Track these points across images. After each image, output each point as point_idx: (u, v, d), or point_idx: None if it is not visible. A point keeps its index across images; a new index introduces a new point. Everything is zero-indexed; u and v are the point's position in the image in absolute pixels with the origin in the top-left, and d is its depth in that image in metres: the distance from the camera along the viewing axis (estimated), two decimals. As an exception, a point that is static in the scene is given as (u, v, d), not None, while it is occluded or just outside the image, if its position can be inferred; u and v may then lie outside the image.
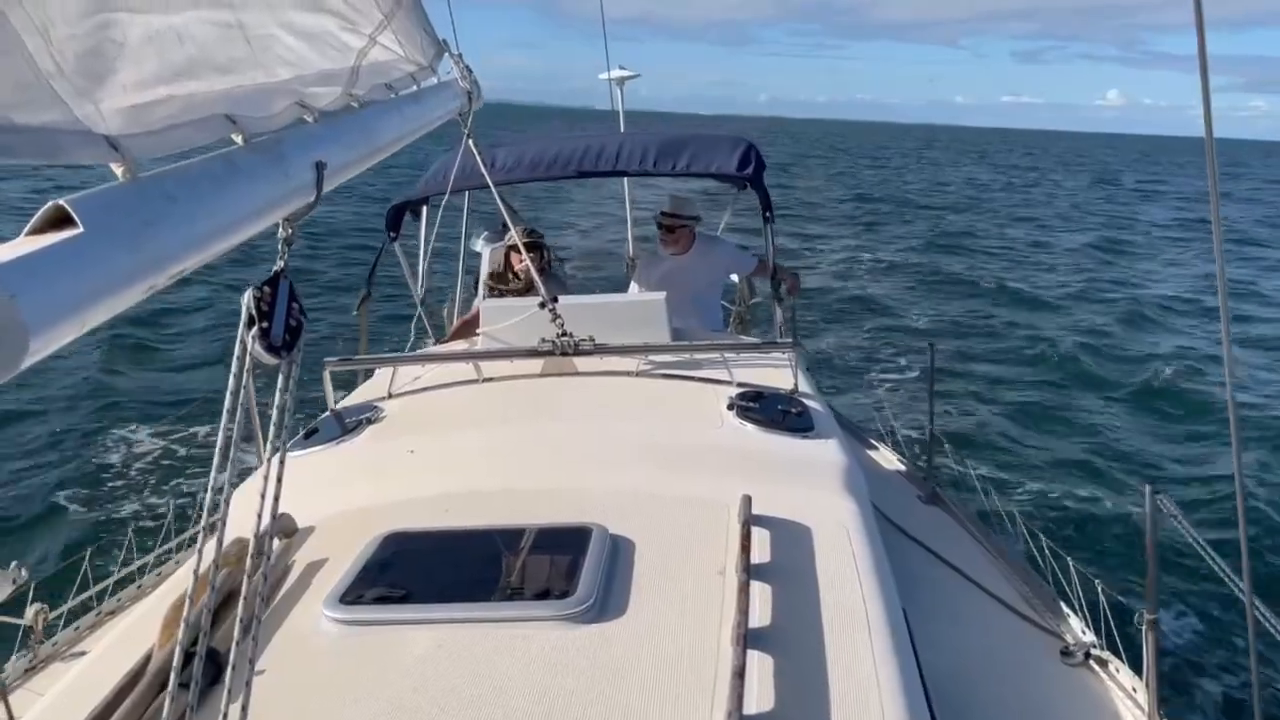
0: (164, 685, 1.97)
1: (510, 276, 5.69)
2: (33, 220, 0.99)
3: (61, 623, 3.46)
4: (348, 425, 3.60)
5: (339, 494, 3.03)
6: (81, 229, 0.98)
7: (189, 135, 1.37)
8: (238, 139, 1.52)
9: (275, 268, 1.58)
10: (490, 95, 3.87)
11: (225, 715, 1.47)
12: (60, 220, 0.99)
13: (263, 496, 1.47)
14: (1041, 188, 52.74)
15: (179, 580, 2.74)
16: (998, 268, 23.00)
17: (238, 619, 1.51)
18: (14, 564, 2.88)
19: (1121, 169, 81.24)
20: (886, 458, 5.36)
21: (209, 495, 1.38)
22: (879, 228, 29.72)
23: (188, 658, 1.58)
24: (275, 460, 1.51)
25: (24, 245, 0.94)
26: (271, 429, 1.50)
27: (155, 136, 1.27)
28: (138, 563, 3.98)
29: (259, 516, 1.47)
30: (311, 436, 3.55)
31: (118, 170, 1.15)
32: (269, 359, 1.50)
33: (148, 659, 2.13)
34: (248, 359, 1.46)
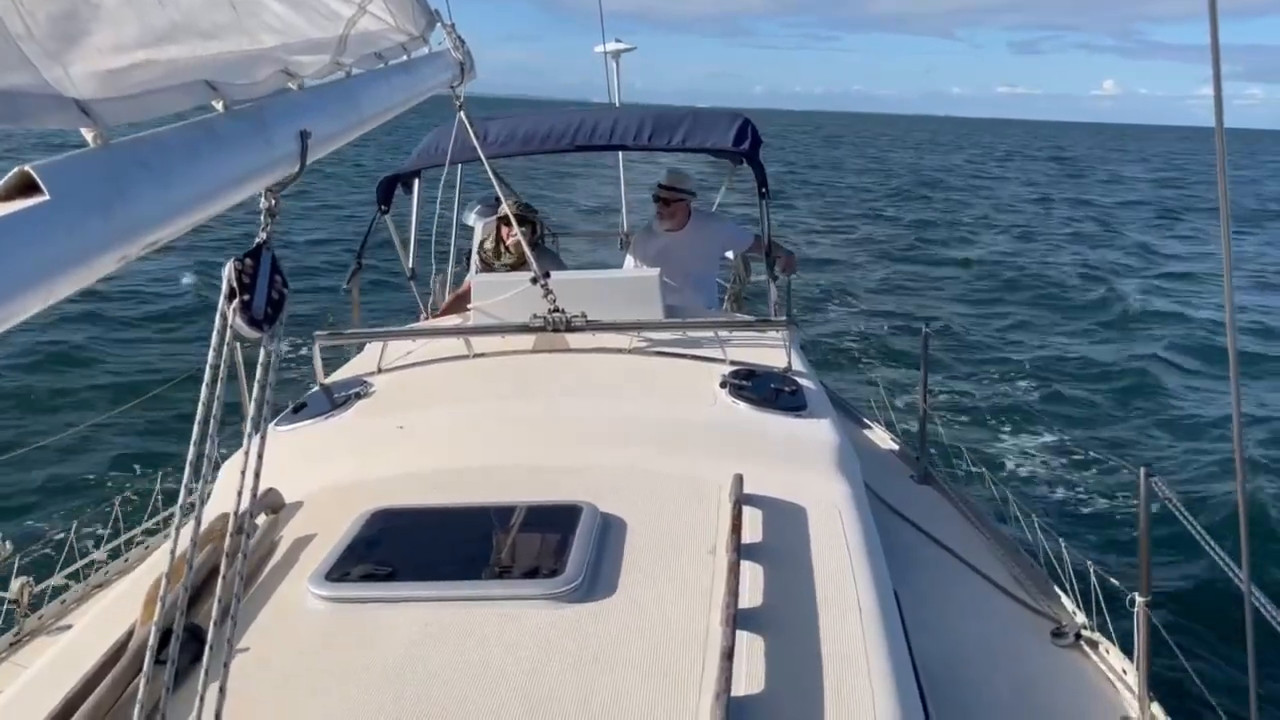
0: (144, 663, 1.95)
1: (502, 250, 5.64)
2: None
3: (47, 596, 3.44)
4: (336, 400, 3.57)
5: (327, 469, 3.00)
6: (48, 196, 0.94)
7: (167, 101, 1.33)
8: (218, 105, 1.47)
9: (257, 239, 1.54)
10: (485, 88, 3.82)
11: (203, 694, 1.45)
12: (26, 187, 0.95)
13: (243, 473, 1.44)
14: (1029, 173, 52.64)
15: (163, 555, 2.71)
16: (994, 250, 22.99)
17: (216, 597, 1.49)
18: (-1, 537, 2.85)
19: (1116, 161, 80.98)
20: (880, 437, 5.35)
21: (187, 470, 1.34)
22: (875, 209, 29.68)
23: (168, 635, 1.55)
24: (257, 437, 1.48)
25: None
26: (252, 405, 1.46)
27: (131, 101, 1.23)
28: (124, 536, 3.96)
29: (239, 494, 1.44)
30: (300, 411, 3.52)
31: (88, 135, 1.10)
32: (250, 332, 1.46)
33: (130, 635, 2.11)
34: (229, 332, 1.43)
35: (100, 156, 1.08)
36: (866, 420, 5.67)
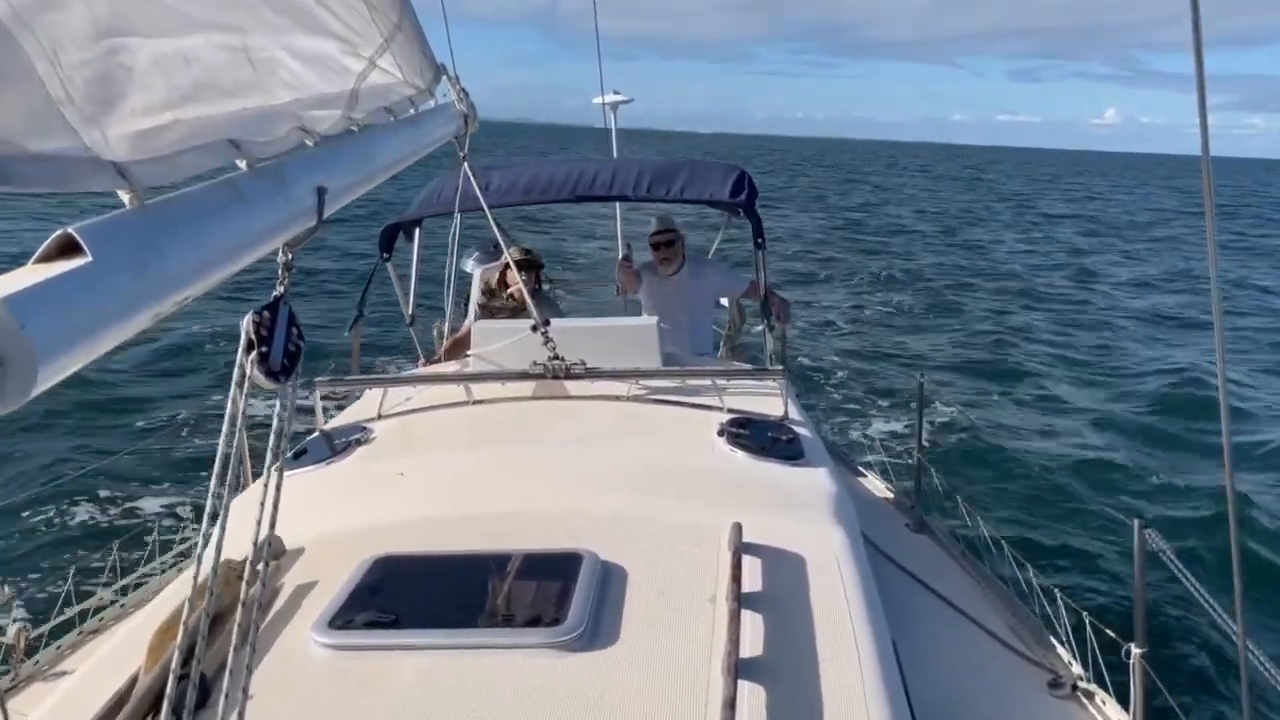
0: (150, 710, 1.96)
1: (504, 297, 5.69)
2: (41, 248, 0.99)
3: (44, 641, 3.43)
4: (337, 446, 3.59)
5: (328, 515, 3.01)
6: (90, 257, 0.98)
7: (195, 161, 1.38)
8: (241, 164, 1.52)
9: (275, 293, 1.58)
10: (487, 112, 3.87)
11: None
12: (68, 248, 0.99)
13: (258, 523, 1.47)
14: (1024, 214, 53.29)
15: (166, 601, 2.71)
16: (987, 295, 23.14)
17: (231, 644, 1.50)
18: (-4, 583, 2.86)
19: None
20: (874, 485, 5.37)
21: (205, 520, 1.37)
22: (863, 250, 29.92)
23: (176, 681, 1.56)
24: (272, 485, 1.51)
25: (32, 274, 0.94)
26: (269, 454, 1.50)
27: (162, 162, 1.27)
28: (121, 582, 3.95)
29: (254, 543, 1.46)
30: (300, 457, 3.54)
31: (125, 197, 1.15)
32: (267, 384, 1.49)
33: (133, 682, 2.12)
34: (246, 384, 1.46)
35: (137, 218, 1.13)
36: (861, 468, 5.70)
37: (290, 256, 1.65)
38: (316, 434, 3.80)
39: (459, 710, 1.99)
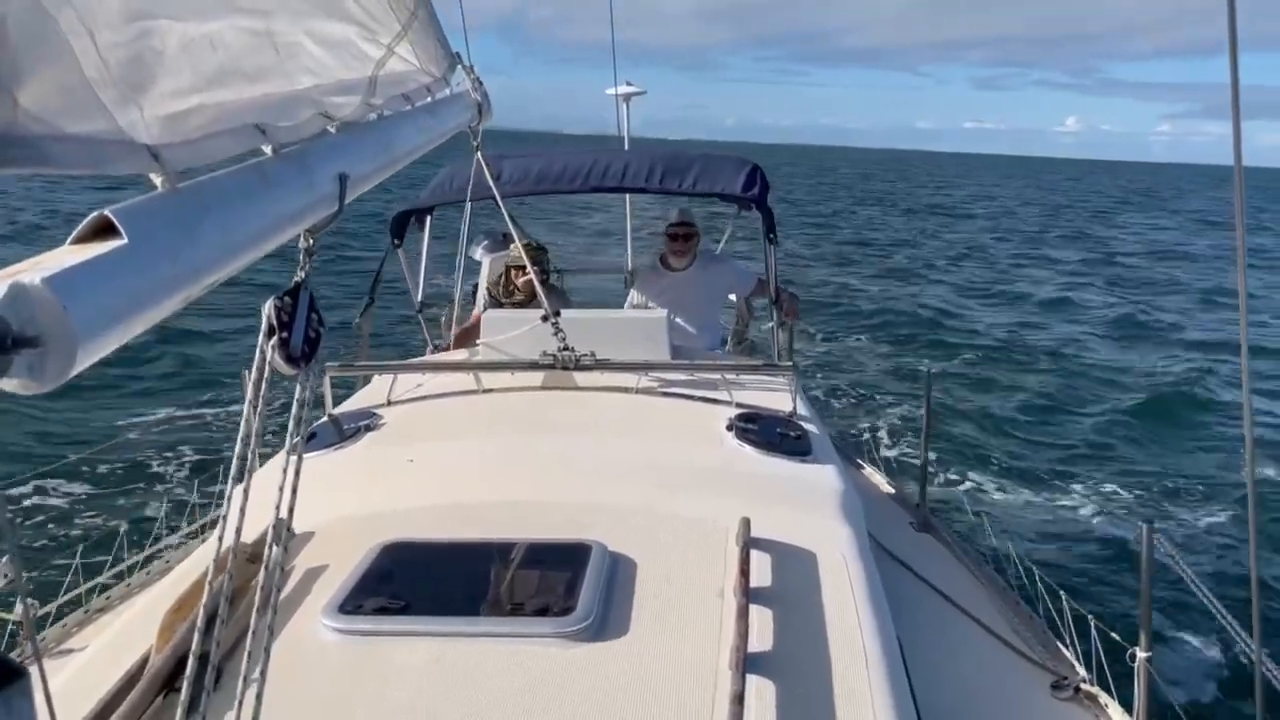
0: (161, 690, 1.97)
1: (513, 288, 5.69)
2: (77, 229, 1.00)
3: (50, 619, 3.45)
4: (346, 431, 3.60)
5: (337, 500, 3.02)
6: (126, 239, 0.99)
7: (222, 145, 1.38)
8: (267, 149, 1.52)
9: (296, 278, 1.58)
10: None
11: None
12: (103, 229, 1.00)
13: (277, 507, 1.47)
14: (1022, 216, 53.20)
15: (175, 582, 2.72)
16: (992, 296, 23.10)
17: (249, 626, 1.51)
18: (4, 559, 2.87)
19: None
20: (879, 483, 5.38)
21: (225, 502, 1.38)
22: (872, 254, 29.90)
23: (184, 662, 1.57)
24: (291, 469, 1.51)
25: (71, 254, 0.95)
26: (288, 439, 1.50)
27: (192, 146, 1.27)
28: (127, 562, 3.97)
29: (272, 525, 1.47)
30: (309, 441, 3.53)
31: (157, 180, 1.15)
32: (288, 369, 1.50)
33: (144, 662, 2.13)
34: (267, 369, 1.46)
35: (170, 200, 1.13)
36: (866, 466, 5.70)
37: (311, 242, 1.65)
38: (325, 418, 3.80)
39: (467, 698, 2.00)
